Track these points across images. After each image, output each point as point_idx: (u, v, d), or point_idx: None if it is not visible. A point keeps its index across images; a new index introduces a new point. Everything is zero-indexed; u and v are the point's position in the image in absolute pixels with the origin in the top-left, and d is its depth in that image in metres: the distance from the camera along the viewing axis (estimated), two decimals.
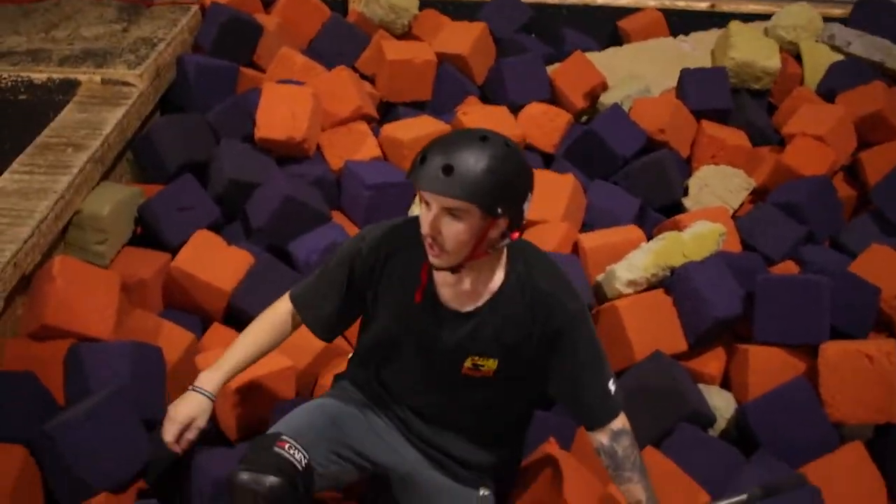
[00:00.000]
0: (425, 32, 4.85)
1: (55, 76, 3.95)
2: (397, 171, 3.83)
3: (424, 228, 2.09)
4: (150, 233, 3.54)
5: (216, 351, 2.76)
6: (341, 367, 2.95)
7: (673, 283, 3.25)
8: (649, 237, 3.59)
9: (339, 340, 2.97)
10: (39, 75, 3.95)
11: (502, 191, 2.04)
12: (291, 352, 2.88)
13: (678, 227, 3.60)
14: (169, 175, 3.75)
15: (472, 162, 2.02)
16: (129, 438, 2.55)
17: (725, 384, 3.18)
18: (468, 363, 2.25)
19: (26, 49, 4.18)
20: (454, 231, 2.06)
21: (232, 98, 4.09)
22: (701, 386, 3.08)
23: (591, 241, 3.53)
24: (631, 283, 3.26)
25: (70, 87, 3.93)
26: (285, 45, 4.46)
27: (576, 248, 3.56)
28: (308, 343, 2.91)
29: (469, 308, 2.23)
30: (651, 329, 3.13)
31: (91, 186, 3.43)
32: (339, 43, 4.69)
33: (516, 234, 2.17)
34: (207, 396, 2.36)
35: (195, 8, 4.65)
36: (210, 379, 2.39)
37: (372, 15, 4.84)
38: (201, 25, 4.56)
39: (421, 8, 4.95)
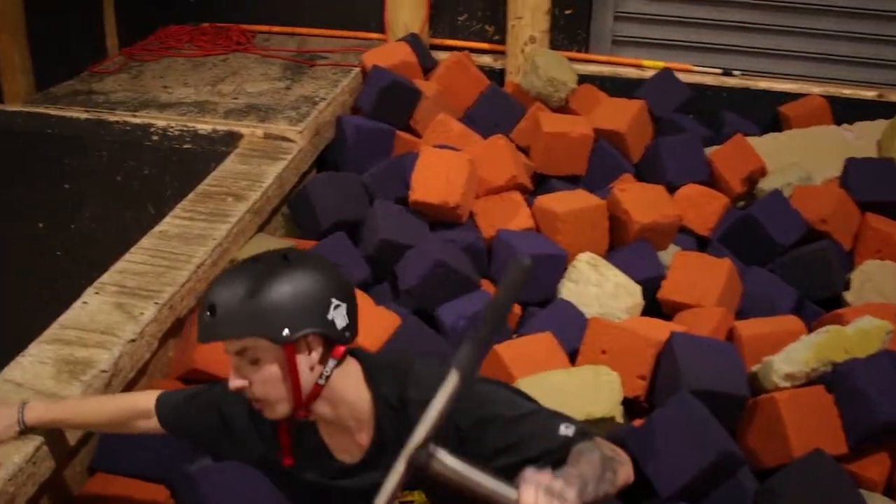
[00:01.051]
0: (582, 107, 4.82)
1: (219, 128, 4.05)
2: (549, 243, 3.76)
3: (230, 383, 1.84)
4: None
5: None
6: None
7: (834, 379, 3.08)
8: (809, 330, 3.42)
9: None
10: (205, 126, 4.07)
11: (279, 312, 1.76)
12: None
13: (840, 322, 3.43)
14: (322, 231, 3.77)
15: (234, 292, 1.78)
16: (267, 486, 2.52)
17: (889, 491, 2.98)
18: None
19: (194, 101, 4.31)
20: (259, 377, 1.80)
21: (388, 160, 4.12)
22: (862, 491, 2.90)
23: (749, 329, 3.39)
24: (789, 376, 3.10)
25: (233, 139, 4.03)
26: (442, 112, 4.49)
27: (731, 335, 3.42)
28: None
29: (356, 458, 1.94)
30: (810, 426, 2.96)
31: (248, 237, 3.48)
32: (495, 112, 4.69)
33: (341, 349, 1.85)
34: (19, 421, 2.26)
35: (356, 70, 4.74)
36: (35, 408, 2.29)
37: (529, 87, 4.84)
38: (362, 88, 4.63)
39: (579, 83, 4.93)
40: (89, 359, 2.58)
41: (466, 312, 3.38)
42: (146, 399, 2.20)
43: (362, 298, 3.40)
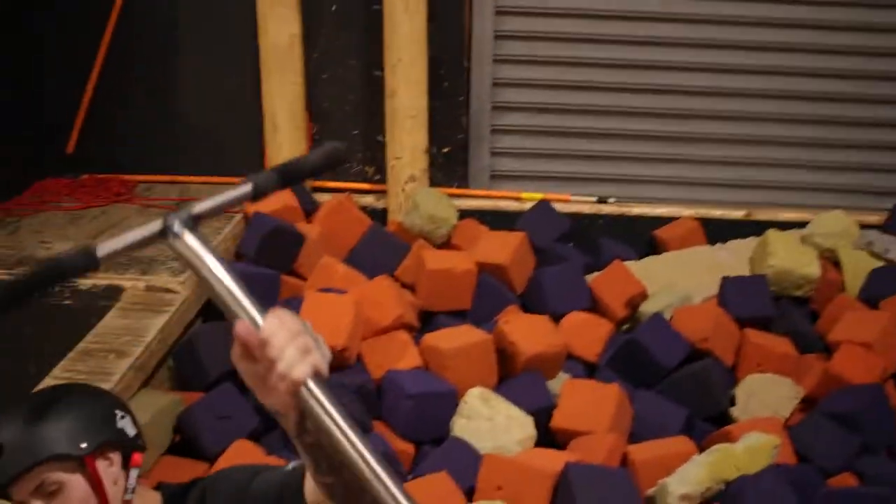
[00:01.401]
0: (465, 242, 4.89)
1: (100, 282, 3.98)
2: (439, 381, 3.78)
3: None
4: (188, 441, 3.48)
5: None
6: None
7: (727, 497, 3.13)
8: (700, 449, 3.48)
9: None
10: (85, 281, 3.99)
11: (70, 428, 1.75)
12: None
13: (729, 439, 3.51)
14: (209, 382, 3.71)
15: (15, 425, 1.75)
16: None
17: None
18: None
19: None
20: None
21: (274, 306, 4.09)
22: None
23: (641, 453, 3.43)
24: (685, 497, 3.15)
25: (114, 293, 3.96)
26: (326, 254, 4.51)
27: (625, 460, 3.45)
28: None
29: None
30: None
31: (131, 394, 3.39)
32: (379, 252, 4.73)
33: (139, 458, 1.88)
34: None
35: (239, 216, 4.74)
36: None
37: (411, 225, 4.91)
38: (244, 233, 4.62)
39: (460, 218, 5.02)
40: None
41: None
42: None
43: (252, 449, 3.35)
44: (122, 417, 1.85)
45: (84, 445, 1.76)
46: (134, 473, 1.84)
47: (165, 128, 5.38)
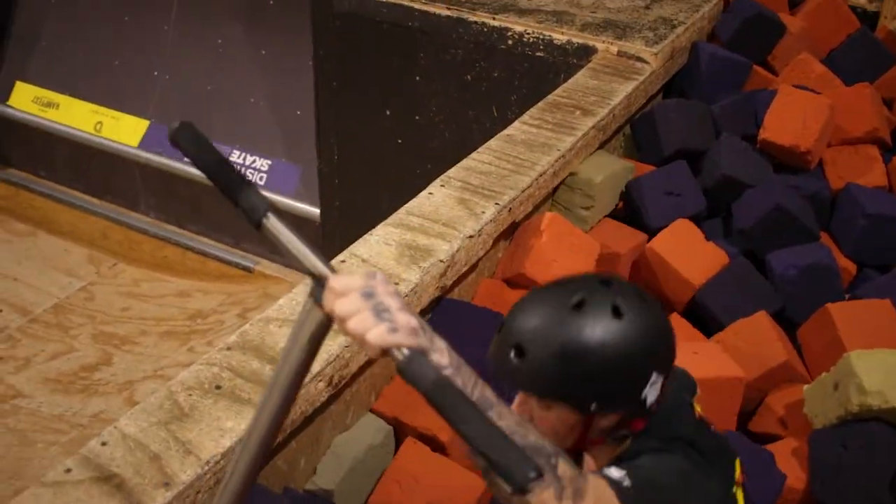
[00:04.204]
0: None
1: (574, 40, 4.04)
2: None
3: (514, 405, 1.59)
4: (631, 209, 3.54)
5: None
6: (795, 395, 2.79)
7: None
8: None
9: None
10: (560, 36, 4.07)
11: (593, 383, 1.50)
12: (742, 360, 2.76)
13: None
14: (662, 157, 3.72)
15: (548, 343, 1.50)
16: None
17: None
18: None
19: (552, 10, 4.32)
20: (545, 423, 1.55)
21: (740, 94, 3.97)
22: None
23: None
24: None
25: (586, 52, 4.01)
26: (805, 51, 4.25)
27: None
28: (761, 353, 2.79)
29: None
30: None
31: (589, 152, 3.48)
32: (862, 58, 4.39)
33: (640, 424, 1.59)
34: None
35: None
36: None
37: None
38: (722, 15, 4.47)
39: None
40: (430, 247, 2.69)
41: (799, 263, 3.23)
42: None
43: (693, 230, 3.35)
44: (654, 383, 1.55)
45: (594, 408, 1.54)
46: (624, 431, 1.60)
47: None
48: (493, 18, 4.22)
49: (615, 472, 1.48)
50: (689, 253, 3.27)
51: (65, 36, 6.56)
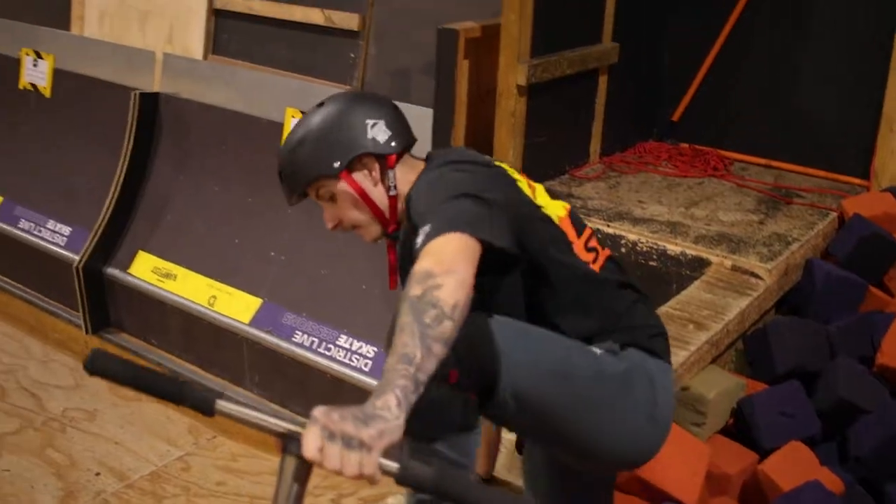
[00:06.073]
0: None
1: (689, 252, 4.10)
2: None
3: (327, 226, 2.18)
4: (742, 427, 3.49)
5: None
6: None
7: None
8: None
9: None
10: (674, 247, 4.13)
11: (320, 151, 2.05)
12: None
13: None
14: (776, 376, 3.68)
15: (282, 152, 2.12)
16: None
17: None
18: None
19: (666, 220, 4.40)
20: (340, 209, 2.12)
21: (857, 315, 3.94)
22: None
23: None
24: None
25: (700, 265, 4.05)
26: None
27: None
28: None
29: None
30: None
31: (701, 367, 3.47)
32: None
33: (393, 159, 2.10)
34: None
35: (833, 215, 4.60)
36: None
37: None
38: (837, 233, 4.48)
39: None
40: None
41: None
42: None
43: (807, 454, 3.28)
44: (374, 125, 2.06)
45: (337, 164, 2.06)
46: (391, 174, 2.09)
47: (769, 110, 5.33)
48: (608, 225, 4.32)
49: (420, 237, 1.74)
50: (803, 478, 3.19)
51: (189, 212, 6.86)
